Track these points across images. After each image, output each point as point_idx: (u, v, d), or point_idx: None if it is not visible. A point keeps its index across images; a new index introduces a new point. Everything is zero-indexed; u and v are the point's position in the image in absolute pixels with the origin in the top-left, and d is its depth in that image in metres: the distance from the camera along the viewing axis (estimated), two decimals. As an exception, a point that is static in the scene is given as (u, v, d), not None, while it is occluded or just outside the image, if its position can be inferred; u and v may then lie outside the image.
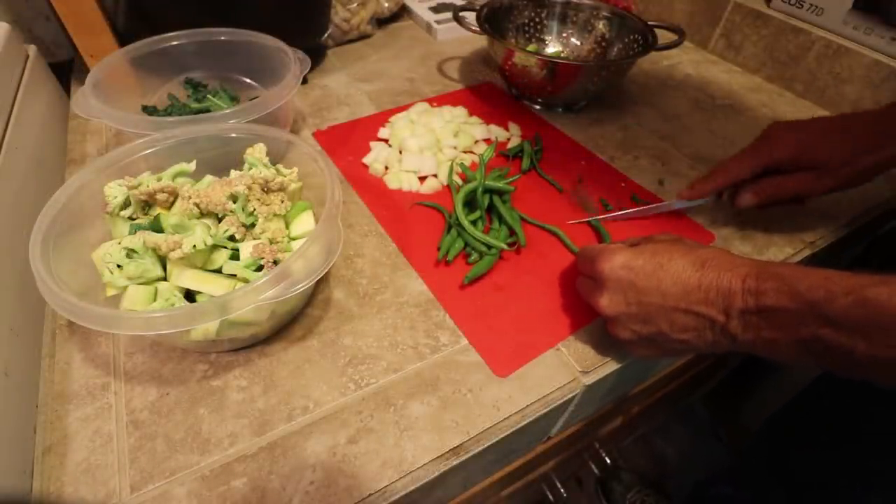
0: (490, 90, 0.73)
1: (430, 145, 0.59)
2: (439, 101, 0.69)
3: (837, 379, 0.65)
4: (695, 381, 1.02)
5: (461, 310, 0.44)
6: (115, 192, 0.40)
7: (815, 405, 0.74)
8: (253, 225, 0.40)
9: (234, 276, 0.37)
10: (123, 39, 0.63)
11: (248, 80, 0.65)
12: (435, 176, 0.57)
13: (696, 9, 0.86)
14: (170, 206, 0.41)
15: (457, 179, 0.56)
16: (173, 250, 0.35)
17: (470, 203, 0.52)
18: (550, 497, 0.88)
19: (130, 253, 0.36)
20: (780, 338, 0.31)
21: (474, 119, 0.66)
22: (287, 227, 0.42)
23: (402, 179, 0.56)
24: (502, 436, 0.38)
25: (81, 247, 0.38)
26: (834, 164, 0.45)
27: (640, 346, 0.39)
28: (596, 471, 0.98)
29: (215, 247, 0.38)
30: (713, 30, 0.84)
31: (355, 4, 0.79)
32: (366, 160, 0.59)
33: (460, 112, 0.65)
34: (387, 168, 0.58)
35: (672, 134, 0.66)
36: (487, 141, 0.63)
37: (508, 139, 0.63)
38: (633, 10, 0.73)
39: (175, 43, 0.58)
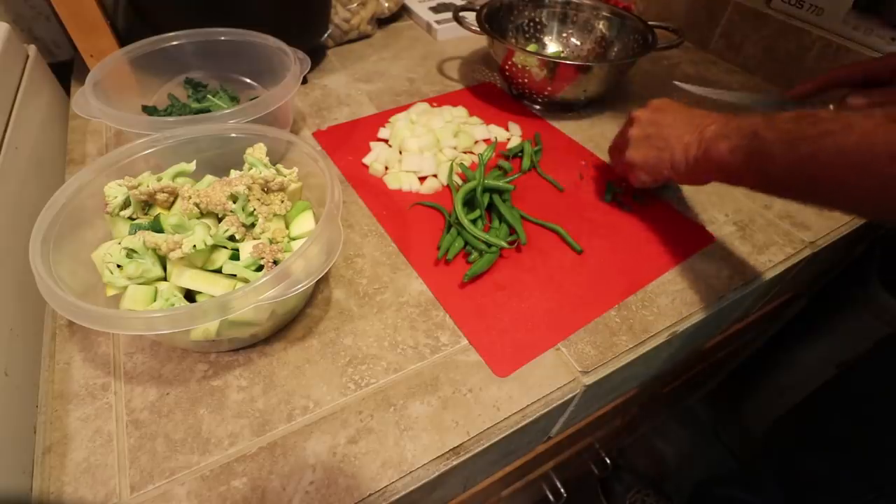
0: (490, 90, 0.73)
1: (430, 145, 0.59)
2: (439, 101, 0.69)
3: (844, 384, 0.65)
4: (695, 382, 1.02)
5: (461, 309, 0.44)
6: (115, 192, 0.40)
7: (822, 409, 0.74)
8: (253, 225, 0.40)
9: (234, 276, 0.37)
10: (123, 39, 0.63)
11: (248, 80, 0.65)
12: (435, 176, 0.57)
13: (696, 9, 0.86)
14: (170, 206, 0.41)
15: (457, 179, 0.56)
16: (173, 250, 0.35)
17: (470, 202, 0.53)
18: (550, 497, 0.88)
19: (130, 253, 0.36)
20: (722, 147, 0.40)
21: (474, 119, 0.66)
22: (287, 227, 0.42)
23: (402, 179, 0.56)
24: (502, 436, 0.38)
25: (81, 247, 0.38)
26: None
27: (635, 146, 0.50)
28: (596, 471, 0.98)
29: (215, 247, 0.38)
30: (713, 30, 0.84)
31: (355, 4, 0.79)
32: (366, 160, 0.59)
33: (460, 112, 0.65)
34: (387, 168, 0.58)
35: (672, 134, 0.66)
36: (487, 141, 0.63)
37: (508, 139, 0.63)
38: (633, 10, 0.73)
39: (175, 43, 0.58)
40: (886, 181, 0.29)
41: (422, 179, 0.57)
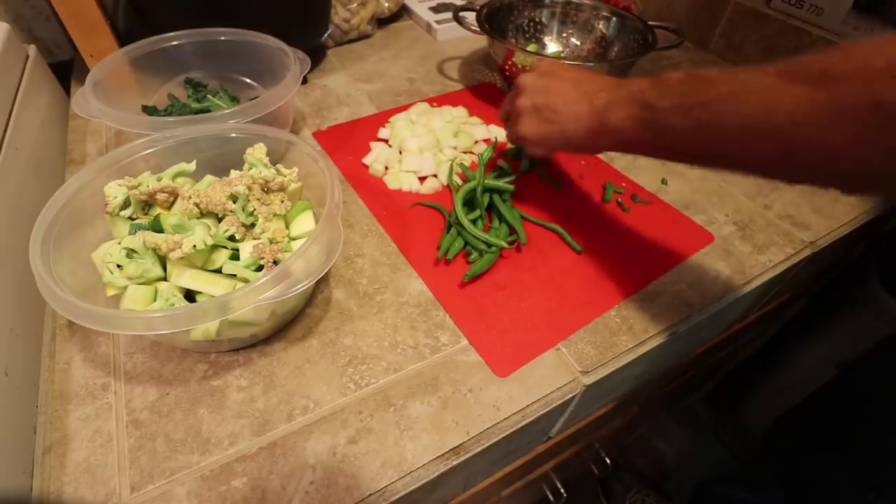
0: (490, 90, 0.73)
1: (430, 145, 0.59)
2: (439, 101, 0.69)
3: (844, 384, 0.65)
4: (695, 382, 1.02)
5: (461, 309, 0.44)
6: (115, 192, 0.40)
7: (822, 409, 0.74)
8: (253, 225, 0.40)
9: (234, 276, 0.37)
10: (123, 39, 0.63)
11: (248, 80, 0.65)
12: (435, 176, 0.57)
13: (696, 9, 0.86)
14: (170, 206, 0.41)
15: (456, 179, 0.56)
16: (173, 250, 0.35)
17: (470, 202, 0.53)
18: (550, 497, 0.88)
19: (130, 253, 0.36)
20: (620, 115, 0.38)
21: (474, 119, 0.66)
22: (287, 227, 0.42)
23: (401, 179, 0.56)
24: (502, 436, 0.38)
25: (81, 247, 0.38)
26: None
27: (528, 117, 0.46)
28: (596, 471, 0.98)
29: (215, 247, 0.38)
30: (713, 30, 0.84)
31: (355, 4, 0.79)
32: (366, 160, 0.59)
33: (460, 112, 0.65)
34: (387, 168, 0.58)
35: (672, 134, 0.66)
36: (487, 141, 0.63)
37: (507, 139, 0.63)
38: (633, 10, 0.73)
39: (175, 43, 0.58)
40: (790, 148, 0.28)
41: (422, 179, 0.57)
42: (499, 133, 0.64)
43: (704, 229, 0.53)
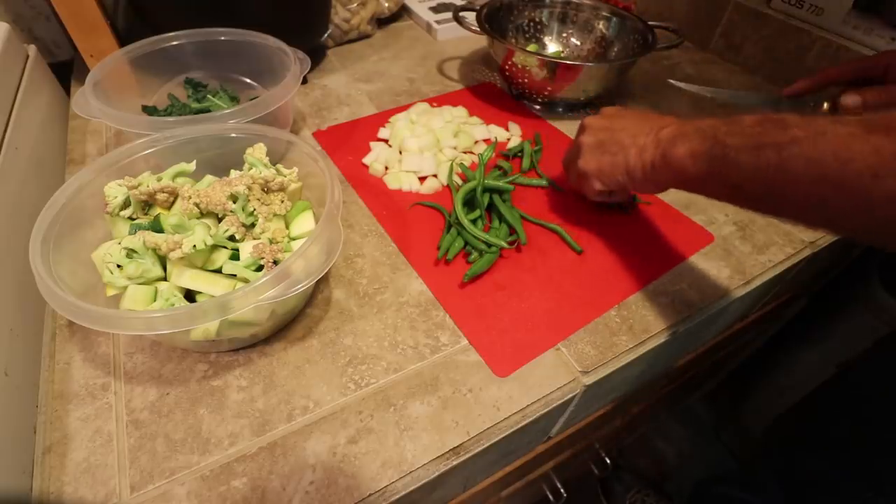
0: (490, 90, 0.73)
1: (430, 145, 0.59)
2: (439, 101, 0.69)
3: (844, 384, 0.65)
4: (695, 382, 1.02)
5: (461, 309, 0.44)
6: (115, 192, 0.40)
7: (822, 409, 0.74)
8: (253, 225, 0.40)
9: (234, 276, 0.37)
10: (123, 39, 0.63)
11: (248, 80, 0.65)
12: (435, 176, 0.57)
13: (696, 9, 0.86)
14: (170, 206, 0.41)
15: (456, 179, 0.56)
16: (173, 250, 0.35)
17: (470, 202, 0.53)
18: (550, 497, 0.88)
19: (130, 253, 0.36)
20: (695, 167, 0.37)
21: (474, 119, 0.66)
22: (287, 227, 0.42)
23: (401, 179, 0.56)
24: (502, 436, 0.38)
25: (81, 247, 0.38)
26: None
27: (589, 151, 0.47)
28: (596, 471, 0.98)
29: (215, 247, 0.38)
30: (713, 30, 0.84)
31: (355, 4, 0.79)
32: (366, 160, 0.59)
33: (460, 112, 0.65)
34: (387, 168, 0.58)
35: (672, 134, 0.66)
36: (487, 141, 0.63)
37: (508, 139, 0.63)
38: (633, 10, 0.73)
39: (175, 43, 0.58)
40: (866, 200, 0.26)
41: (422, 179, 0.57)
42: (498, 133, 0.64)
43: (704, 229, 0.53)
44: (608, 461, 0.94)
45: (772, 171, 0.30)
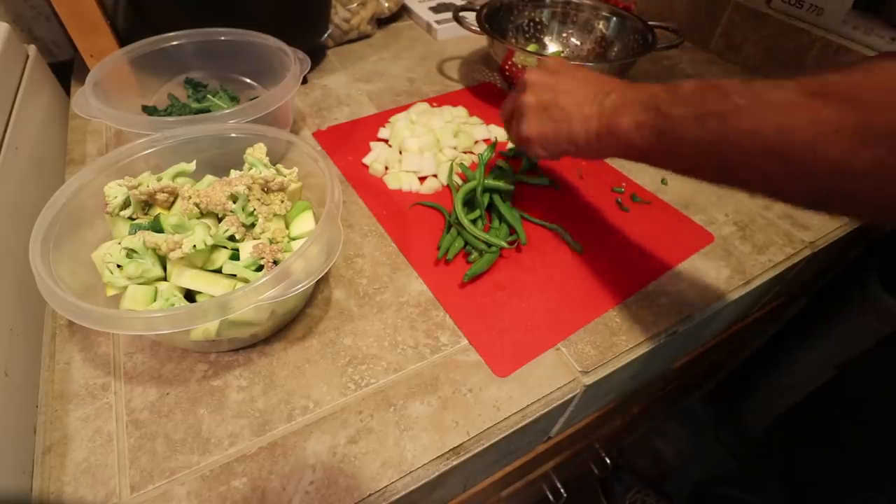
0: (490, 90, 0.73)
1: (430, 145, 0.59)
2: (439, 101, 0.69)
3: (844, 384, 0.65)
4: (695, 382, 1.02)
5: (461, 309, 0.44)
6: (115, 192, 0.40)
7: (821, 408, 0.74)
8: (253, 225, 0.40)
9: (234, 276, 0.37)
10: (123, 39, 0.63)
11: (248, 80, 0.65)
12: (435, 176, 0.57)
13: (696, 9, 0.86)
14: (170, 206, 0.41)
15: (456, 179, 0.56)
16: (173, 250, 0.35)
17: (470, 202, 0.53)
18: (550, 497, 0.88)
19: (130, 253, 0.36)
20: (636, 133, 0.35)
21: (474, 119, 0.65)
22: (287, 227, 0.42)
23: (401, 179, 0.56)
24: (502, 436, 0.38)
25: (81, 247, 0.38)
26: None
27: (528, 116, 0.44)
28: (596, 471, 0.98)
29: (215, 247, 0.38)
30: (713, 30, 0.84)
31: (355, 4, 0.79)
32: (366, 160, 0.59)
33: (460, 112, 0.65)
34: (387, 168, 0.58)
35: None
36: (487, 141, 0.63)
37: (508, 139, 0.63)
38: (633, 10, 0.73)
39: (175, 43, 0.58)
40: (808, 170, 0.26)
41: (422, 179, 0.57)
42: (499, 133, 0.64)
43: (704, 229, 0.53)
44: (608, 461, 0.94)
45: (716, 144, 0.30)
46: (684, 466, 1.22)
